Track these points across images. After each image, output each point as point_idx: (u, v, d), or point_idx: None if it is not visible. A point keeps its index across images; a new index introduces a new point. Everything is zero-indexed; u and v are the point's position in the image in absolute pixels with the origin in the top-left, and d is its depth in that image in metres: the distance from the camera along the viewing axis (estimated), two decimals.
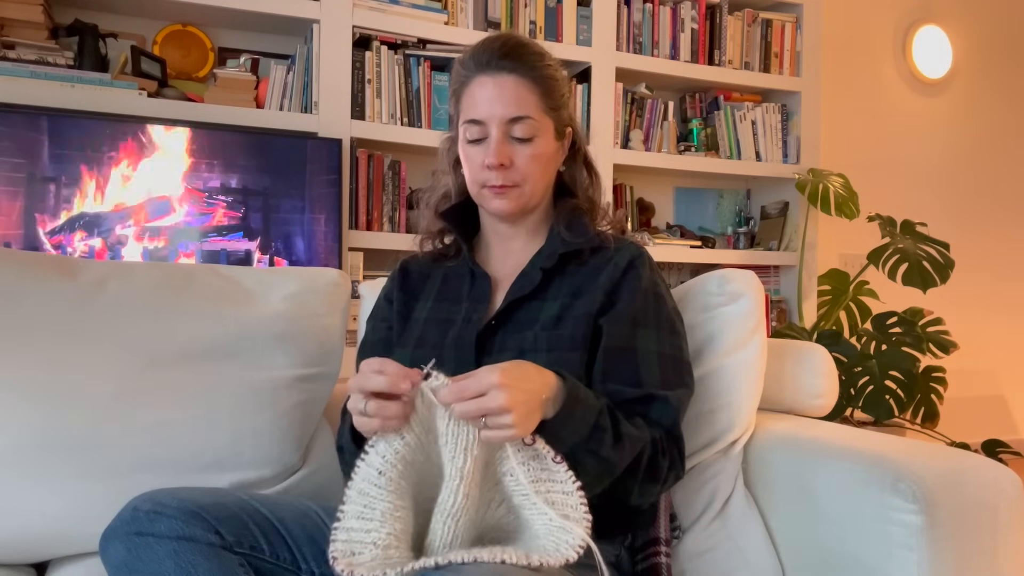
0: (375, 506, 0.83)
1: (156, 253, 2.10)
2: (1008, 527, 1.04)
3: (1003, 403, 3.81)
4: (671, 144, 2.92)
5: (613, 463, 0.95)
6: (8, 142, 1.95)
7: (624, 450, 0.95)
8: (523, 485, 0.84)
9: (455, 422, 0.83)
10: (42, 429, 1.12)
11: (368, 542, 0.82)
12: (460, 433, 0.83)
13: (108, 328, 1.20)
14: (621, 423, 0.96)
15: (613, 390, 1.03)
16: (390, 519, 0.83)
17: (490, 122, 1.09)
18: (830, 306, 3.00)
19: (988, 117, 3.81)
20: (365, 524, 0.82)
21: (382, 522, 0.83)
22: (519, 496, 0.85)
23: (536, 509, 0.83)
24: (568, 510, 0.83)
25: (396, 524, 0.83)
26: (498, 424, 0.82)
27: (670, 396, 1.04)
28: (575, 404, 0.91)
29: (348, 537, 0.82)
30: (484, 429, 0.82)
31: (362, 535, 0.82)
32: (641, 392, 1.03)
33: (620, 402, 1.02)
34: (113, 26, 2.29)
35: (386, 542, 0.82)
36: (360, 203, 2.43)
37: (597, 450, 0.92)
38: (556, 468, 0.84)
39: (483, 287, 1.15)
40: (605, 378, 1.04)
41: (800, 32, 3.06)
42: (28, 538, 1.11)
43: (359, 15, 2.38)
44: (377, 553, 0.81)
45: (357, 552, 0.81)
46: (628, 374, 1.04)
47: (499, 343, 1.08)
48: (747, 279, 1.27)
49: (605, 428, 0.93)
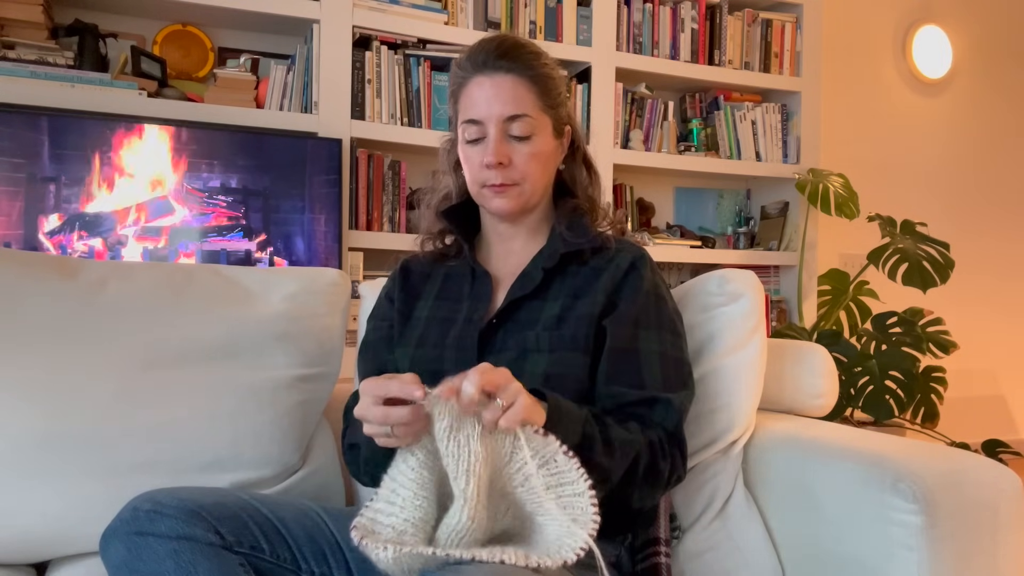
0: (399, 492, 0.86)
1: (156, 253, 2.10)
2: (1008, 527, 1.04)
3: (1003, 403, 3.81)
4: (671, 144, 2.92)
5: (607, 469, 0.94)
6: (8, 142, 1.95)
7: (616, 455, 0.95)
8: (538, 493, 0.83)
9: (454, 443, 0.82)
10: (42, 429, 1.12)
11: (387, 524, 0.84)
12: (460, 455, 0.82)
13: (108, 328, 1.20)
14: (610, 428, 0.96)
15: (617, 392, 1.03)
16: (410, 507, 0.85)
17: (488, 121, 1.09)
18: (830, 306, 3.00)
19: (988, 117, 3.81)
20: (388, 507, 0.85)
21: (403, 507, 0.85)
22: (532, 504, 0.85)
23: (550, 516, 0.83)
24: (577, 512, 0.82)
25: (416, 512, 0.85)
26: (511, 395, 0.81)
27: (672, 398, 1.04)
28: (559, 416, 0.90)
29: (373, 516, 0.85)
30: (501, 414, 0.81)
31: (384, 517, 0.85)
32: (644, 394, 1.03)
33: (623, 404, 1.02)
34: (113, 26, 2.29)
35: (402, 527, 0.84)
36: (360, 203, 2.43)
37: (589, 459, 0.91)
38: (567, 467, 0.84)
39: (484, 286, 1.15)
40: (609, 380, 1.04)
41: (800, 32, 3.06)
42: (28, 538, 1.11)
43: (359, 15, 2.38)
44: (392, 536, 0.83)
45: (376, 531, 0.84)
46: (631, 376, 1.04)
47: (500, 342, 1.08)
48: (747, 279, 1.27)
49: (593, 436, 0.93)
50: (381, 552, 0.79)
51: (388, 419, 0.83)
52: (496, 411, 0.81)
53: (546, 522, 0.84)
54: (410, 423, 0.83)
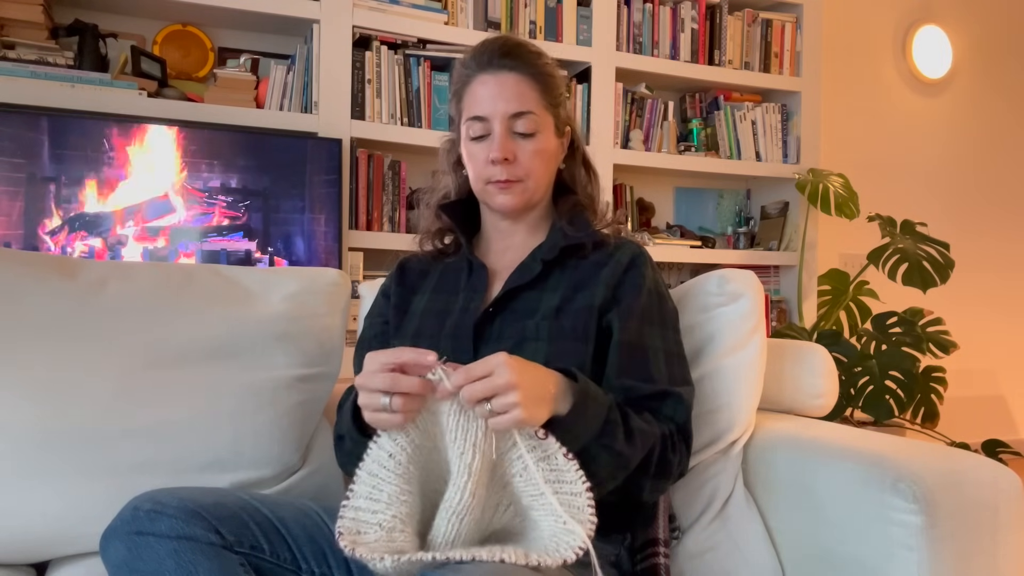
0: (383, 488, 0.84)
1: (156, 253, 2.10)
2: (1008, 527, 1.04)
3: (1003, 403, 3.81)
4: (671, 144, 2.92)
5: (627, 456, 0.96)
6: (8, 142, 1.95)
7: (636, 444, 0.97)
8: (536, 484, 0.83)
9: (463, 416, 0.83)
10: (42, 429, 1.12)
11: (374, 523, 0.83)
12: (469, 428, 0.83)
13: (108, 328, 1.20)
14: (631, 417, 0.98)
15: (629, 385, 1.04)
16: (396, 502, 0.84)
17: (493, 118, 1.11)
18: (830, 306, 3.00)
19: (988, 117, 3.81)
20: (372, 505, 0.84)
21: (388, 504, 0.84)
22: (528, 497, 0.85)
23: (545, 510, 0.83)
24: (575, 511, 0.83)
25: (402, 508, 0.84)
26: (504, 405, 0.82)
27: (683, 393, 1.06)
28: (587, 400, 0.91)
29: (355, 516, 0.84)
30: (491, 417, 0.82)
31: (368, 515, 0.83)
32: (656, 388, 1.05)
33: (635, 398, 1.03)
34: (113, 26, 2.29)
35: (391, 524, 0.83)
36: (360, 203, 2.43)
37: (611, 444, 0.93)
38: (566, 468, 0.84)
39: (480, 277, 1.16)
40: (620, 373, 1.05)
41: (800, 32, 3.06)
42: (28, 538, 1.11)
43: (359, 15, 2.38)
44: (381, 535, 0.82)
45: (363, 532, 0.82)
46: (641, 369, 1.06)
47: (497, 331, 1.09)
48: (747, 279, 1.27)
49: (616, 423, 0.95)
50: (379, 563, 0.78)
51: (396, 386, 0.83)
52: (484, 413, 0.83)
53: (541, 518, 0.84)
54: (413, 396, 0.84)
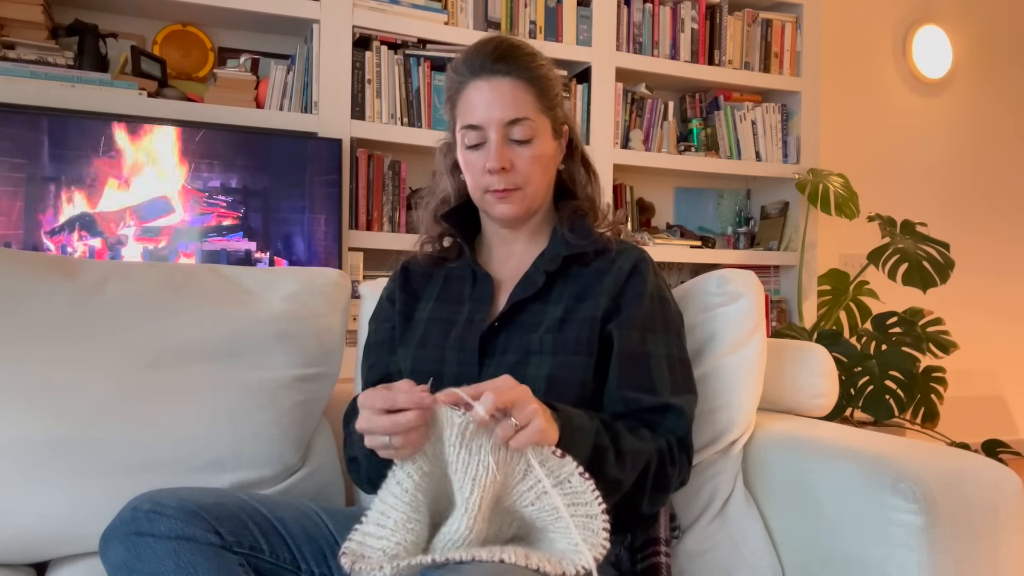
0: (390, 515, 0.84)
1: (156, 253, 2.10)
2: (1008, 527, 1.04)
3: (1003, 403, 3.81)
4: (671, 144, 2.92)
5: (619, 480, 0.94)
6: (8, 142, 1.95)
7: (627, 466, 0.95)
8: (554, 508, 0.82)
9: (464, 450, 0.81)
10: (42, 429, 1.12)
11: (378, 548, 0.83)
12: (470, 462, 0.81)
13: (108, 328, 1.20)
14: (621, 438, 0.96)
15: (631, 397, 1.03)
16: (402, 530, 0.84)
17: (488, 126, 1.08)
18: (830, 306, 3.00)
19: (988, 117, 3.81)
20: (379, 531, 0.84)
21: (394, 531, 0.84)
22: (543, 521, 0.84)
23: (561, 533, 0.82)
24: (589, 534, 0.82)
25: (408, 536, 0.84)
26: (526, 416, 0.80)
27: (684, 406, 1.05)
28: (571, 431, 0.89)
29: (362, 540, 0.84)
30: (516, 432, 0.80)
31: (373, 540, 0.84)
32: (656, 401, 1.03)
33: (635, 410, 1.02)
34: (113, 26, 2.29)
35: (394, 551, 0.82)
36: (360, 203, 2.43)
37: (601, 471, 0.91)
38: (582, 489, 0.83)
39: (485, 288, 1.14)
40: (621, 384, 1.04)
41: (800, 32, 3.06)
42: (28, 538, 1.11)
43: (359, 15, 2.38)
44: (384, 561, 0.82)
45: (367, 555, 0.83)
46: (642, 380, 1.04)
47: (502, 345, 1.08)
48: (747, 279, 1.27)
49: (605, 447, 0.93)
50: (377, 572, 0.78)
51: (397, 427, 0.82)
52: (508, 429, 0.81)
53: (557, 538, 0.83)
54: (413, 430, 0.82)
